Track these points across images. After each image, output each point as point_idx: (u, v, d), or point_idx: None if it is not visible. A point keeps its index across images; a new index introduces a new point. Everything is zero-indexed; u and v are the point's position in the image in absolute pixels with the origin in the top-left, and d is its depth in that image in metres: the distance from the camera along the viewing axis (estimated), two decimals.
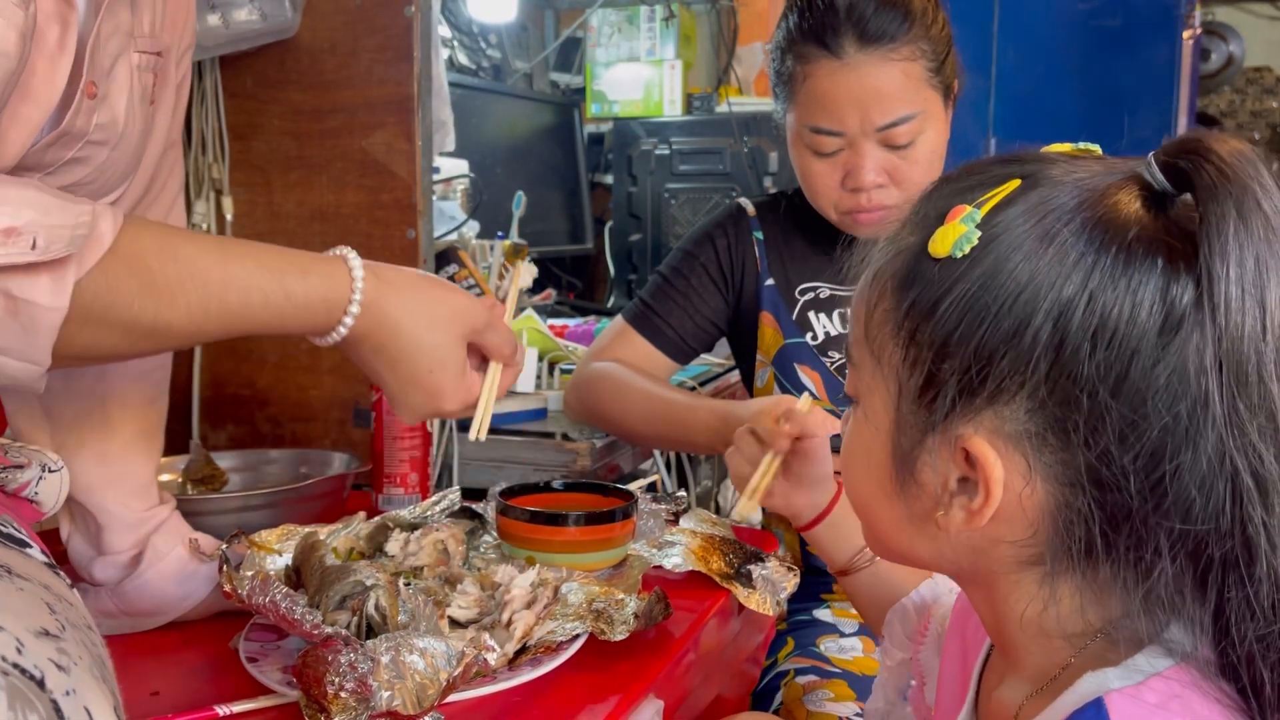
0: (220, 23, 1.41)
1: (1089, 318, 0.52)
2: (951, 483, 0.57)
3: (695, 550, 1.09)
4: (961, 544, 0.59)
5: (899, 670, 0.89)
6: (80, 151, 0.74)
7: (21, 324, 0.63)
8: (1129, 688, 0.53)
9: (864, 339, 0.61)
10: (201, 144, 1.53)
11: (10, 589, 0.56)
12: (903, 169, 1.25)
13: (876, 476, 0.61)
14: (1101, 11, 3.67)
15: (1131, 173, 0.55)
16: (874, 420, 0.61)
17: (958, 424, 0.55)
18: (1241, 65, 6.10)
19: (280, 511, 1.12)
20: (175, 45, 0.88)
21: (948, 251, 0.56)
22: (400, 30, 1.45)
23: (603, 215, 3.03)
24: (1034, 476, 0.54)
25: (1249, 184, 0.51)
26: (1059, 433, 0.53)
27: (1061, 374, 0.52)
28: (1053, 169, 0.57)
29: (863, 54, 1.22)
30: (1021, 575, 0.58)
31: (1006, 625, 0.60)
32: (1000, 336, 0.53)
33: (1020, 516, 0.56)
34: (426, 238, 1.50)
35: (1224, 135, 0.53)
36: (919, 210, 0.60)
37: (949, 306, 0.55)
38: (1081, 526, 0.54)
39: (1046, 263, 0.53)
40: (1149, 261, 0.52)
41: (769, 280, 1.38)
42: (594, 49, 3.02)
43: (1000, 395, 0.54)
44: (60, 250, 0.63)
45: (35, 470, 0.80)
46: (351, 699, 0.73)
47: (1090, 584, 0.56)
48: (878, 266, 0.61)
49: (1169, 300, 0.51)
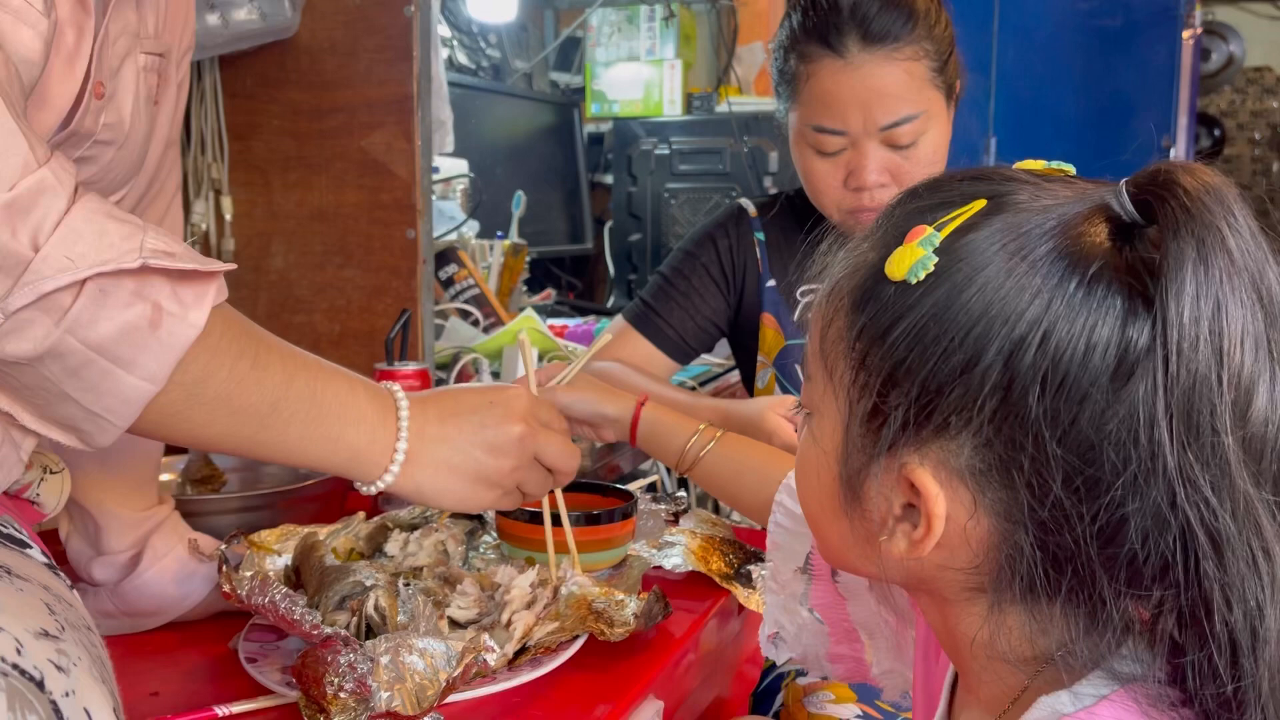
0: (220, 22, 1.40)
1: (1041, 359, 0.50)
2: (896, 508, 0.56)
3: (695, 550, 1.09)
4: (910, 568, 0.57)
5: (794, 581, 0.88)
6: (88, 151, 0.74)
7: (160, 336, 0.63)
8: (1081, 712, 0.52)
9: (819, 354, 0.60)
10: (201, 144, 1.53)
11: (10, 590, 0.56)
12: (905, 169, 1.25)
13: (826, 492, 0.60)
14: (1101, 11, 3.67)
15: (1100, 201, 0.53)
16: (823, 439, 0.60)
17: (903, 453, 0.54)
18: (1241, 65, 6.11)
19: (279, 512, 1.11)
20: (176, 46, 0.88)
21: (904, 275, 0.54)
22: (400, 30, 1.45)
23: (603, 215, 3.03)
24: (978, 511, 0.53)
25: (1214, 223, 0.48)
26: (1003, 472, 0.52)
27: (1009, 415, 0.51)
28: (1020, 193, 0.55)
29: (866, 53, 1.22)
30: (970, 600, 0.57)
31: (960, 649, 0.60)
32: (949, 371, 0.52)
33: (964, 547, 0.54)
34: (426, 238, 1.50)
35: (1199, 167, 0.51)
36: (880, 225, 0.59)
37: (900, 335, 0.54)
38: (1024, 565, 0.53)
39: (1002, 296, 0.51)
40: (1108, 301, 0.50)
41: (770, 281, 1.38)
42: (594, 49, 3.02)
43: (946, 429, 0.53)
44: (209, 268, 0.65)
45: (36, 472, 0.80)
46: (351, 699, 0.73)
47: (1036, 617, 0.55)
48: (836, 280, 0.59)
49: (1125, 342, 0.49)
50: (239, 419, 0.71)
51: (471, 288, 2.07)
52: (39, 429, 0.64)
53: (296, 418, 0.74)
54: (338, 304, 1.53)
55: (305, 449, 0.76)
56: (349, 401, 0.77)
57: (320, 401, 0.75)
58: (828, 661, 0.87)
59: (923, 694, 0.75)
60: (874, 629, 0.85)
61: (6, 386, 0.62)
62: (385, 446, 0.79)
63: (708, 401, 1.29)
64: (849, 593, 0.86)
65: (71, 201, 0.60)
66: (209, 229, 1.54)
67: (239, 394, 0.70)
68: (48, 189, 0.59)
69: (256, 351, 0.72)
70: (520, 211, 2.48)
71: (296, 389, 0.74)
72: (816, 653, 0.87)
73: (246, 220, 1.55)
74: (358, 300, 1.52)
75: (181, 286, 0.64)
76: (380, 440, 0.79)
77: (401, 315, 1.33)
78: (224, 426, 0.71)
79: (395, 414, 0.80)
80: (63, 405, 0.63)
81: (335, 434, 0.76)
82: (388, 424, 0.79)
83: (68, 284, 0.59)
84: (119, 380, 0.63)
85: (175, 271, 0.64)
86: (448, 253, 2.06)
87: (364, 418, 0.78)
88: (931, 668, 0.74)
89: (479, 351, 1.77)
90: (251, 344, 0.72)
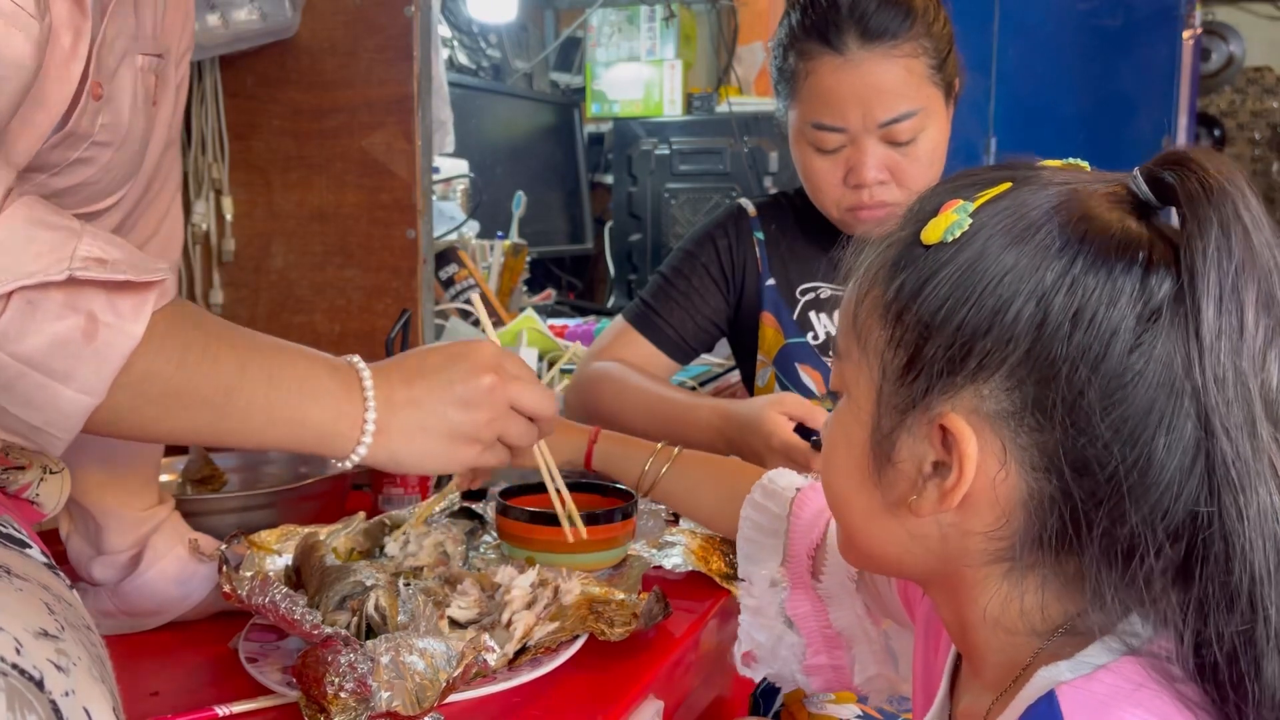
0: (220, 23, 1.40)
1: (1070, 300, 0.53)
2: (926, 466, 0.58)
3: (695, 550, 1.09)
4: (932, 536, 0.59)
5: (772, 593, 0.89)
6: (85, 152, 0.74)
7: (96, 348, 0.62)
8: (1079, 679, 0.53)
9: (851, 328, 0.63)
10: (201, 144, 1.53)
11: (9, 589, 0.56)
12: (904, 166, 1.25)
13: (855, 463, 0.62)
14: (1101, 11, 3.67)
15: (1119, 182, 0.57)
16: (856, 405, 0.62)
17: (937, 402, 0.56)
18: (1241, 65, 6.10)
19: (280, 512, 1.11)
20: (175, 47, 0.88)
21: (939, 238, 0.57)
22: (400, 30, 1.45)
23: (603, 215, 3.03)
24: (1009, 461, 0.55)
25: (1232, 194, 0.52)
26: (1037, 411, 0.54)
27: (1042, 351, 0.54)
28: (1043, 174, 0.59)
29: (865, 50, 1.22)
30: (989, 570, 0.59)
31: (970, 628, 0.61)
32: (984, 314, 0.55)
33: (992, 504, 0.56)
34: (426, 238, 1.50)
35: (1212, 151, 0.55)
36: (913, 209, 0.62)
37: (936, 286, 0.57)
38: (1054, 514, 0.55)
39: (1032, 249, 0.55)
40: (1129, 256, 0.54)
41: (770, 280, 1.38)
42: (594, 49, 3.02)
43: (981, 372, 0.55)
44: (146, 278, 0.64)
45: (36, 472, 0.80)
46: (351, 699, 0.73)
47: (1057, 577, 0.57)
48: (869, 261, 0.62)
49: (1148, 290, 0.53)
50: (193, 411, 0.70)
51: (472, 288, 2.07)
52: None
53: (256, 403, 0.73)
54: (338, 304, 1.53)
55: (271, 432, 0.74)
56: (309, 378, 0.76)
57: (278, 383, 0.74)
58: (803, 674, 0.88)
59: (922, 681, 0.76)
60: (856, 635, 0.86)
61: None
62: (353, 420, 0.77)
63: (708, 401, 1.29)
64: (830, 598, 0.87)
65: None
66: (209, 229, 1.54)
67: (189, 387, 0.69)
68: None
69: (206, 342, 0.70)
70: (520, 211, 2.48)
71: (251, 374, 0.73)
72: (791, 667, 0.88)
73: (247, 220, 1.55)
74: (358, 300, 1.52)
75: (118, 296, 0.63)
76: (347, 414, 0.77)
77: (402, 315, 1.33)
78: (180, 420, 0.70)
79: (360, 385, 0.78)
80: (4, 418, 0.62)
81: (299, 414, 0.75)
82: (353, 397, 0.78)
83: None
84: (55, 393, 0.62)
85: (109, 282, 0.62)
86: (448, 253, 2.06)
87: (327, 392, 0.76)
88: (932, 655, 0.74)
89: None
90: (200, 335, 0.70)
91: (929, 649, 0.75)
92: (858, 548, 0.66)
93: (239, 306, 1.55)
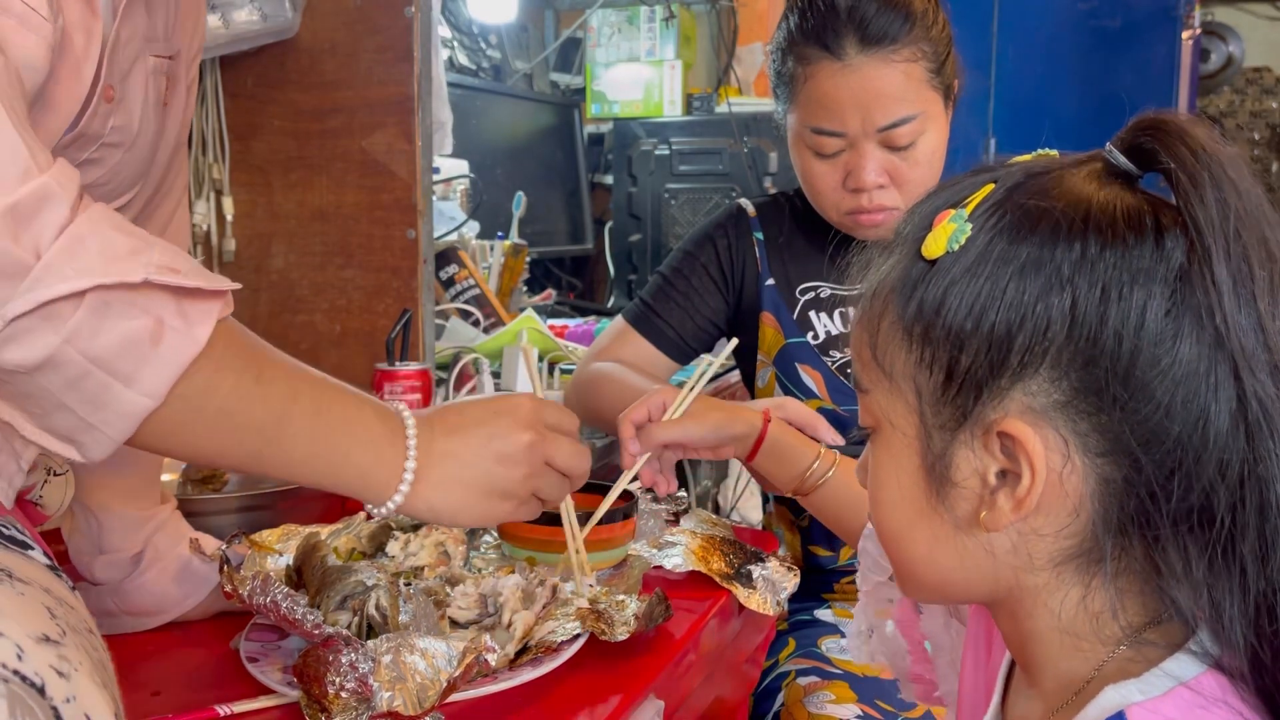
0: (220, 23, 1.41)
1: (1094, 279, 0.53)
2: (991, 478, 0.56)
3: (695, 550, 1.09)
4: (1004, 548, 0.58)
5: (877, 592, 0.88)
6: (95, 153, 0.74)
7: (160, 351, 0.63)
8: (1149, 700, 0.53)
9: (872, 361, 0.61)
10: (202, 144, 1.53)
11: (11, 594, 0.56)
12: (903, 170, 1.25)
13: (909, 493, 0.60)
14: (1101, 11, 3.67)
15: (1093, 159, 0.58)
16: (898, 435, 0.60)
17: (988, 410, 0.55)
18: (1241, 65, 6.10)
19: (281, 512, 1.12)
20: (186, 48, 0.88)
21: (944, 249, 0.57)
22: (400, 30, 1.45)
23: (603, 215, 3.03)
24: (1071, 452, 0.54)
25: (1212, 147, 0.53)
26: (1090, 394, 0.53)
27: (1081, 334, 0.53)
28: (1020, 168, 0.59)
29: (864, 55, 1.22)
30: (1059, 573, 0.57)
31: (1032, 639, 0.60)
32: (1013, 312, 0.54)
33: (1062, 500, 0.55)
34: (426, 238, 1.50)
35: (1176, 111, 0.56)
36: (902, 230, 0.61)
37: (956, 297, 0.56)
38: (1131, 495, 0.54)
39: (1039, 240, 0.55)
40: (1138, 226, 0.54)
41: (769, 280, 1.39)
42: (594, 49, 3.02)
43: (1025, 370, 0.54)
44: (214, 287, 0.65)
45: (40, 474, 0.80)
46: (352, 699, 0.73)
47: (1127, 571, 0.56)
48: (873, 288, 0.61)
49: (1166, 253, 0.53)
50: (242, 434, 0.70)
51: (472, 288, 2.07)
52: (37, 439, 0.63)
53: (302, 434, 0.73)
54: (338, 304, 1.53)
55: (312, 466, 0.74)
56: (356, 419, 0.76)
57: (326, 418, 0.74)
58: (910, 681, 0.86)
59: (970, 690, 0.75)
60: (941, 643, 0.84)
61: (5, 395, 0.62)
62: (394, 466, 0.77)
63: None
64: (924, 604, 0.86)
65: (75, 210, 0.60)
66: (210, 229, 1.54)
67: (242, 409, 0.69)
68: (50, 196, 0.58)
69: (261, 366, 0.71)
70: (520, 212, 2.48)
71: (302, 405, 0.73)
72: (902, 668, 0.86)
73: (247, 220, 1.55)
74: (358, 300, 1.53)
75: (186, 303, 0.64)
76: (388, 460, 0.77)
77: (402, 315, 1.33)
78: (227, 442, 0.70)
79: (404, 433, 0.78)
80: (60, 416, 0.62)
81: (342, 452, 0.75)
82: (396, 443, 0.77)
83: (68, 294, 0.58)
84: (118, 394, 0.62)
85: (180, 288, 0.63)
86: (448, 253, 2.07)
87: (372, 436, 0.76)
88: (984, 657, 0.73)
89: (479, 352, 1.77)
90: (256, 359, 0.71)
91: (979, 650, 0.74)
92: (920, 581, 0.63)
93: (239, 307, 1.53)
